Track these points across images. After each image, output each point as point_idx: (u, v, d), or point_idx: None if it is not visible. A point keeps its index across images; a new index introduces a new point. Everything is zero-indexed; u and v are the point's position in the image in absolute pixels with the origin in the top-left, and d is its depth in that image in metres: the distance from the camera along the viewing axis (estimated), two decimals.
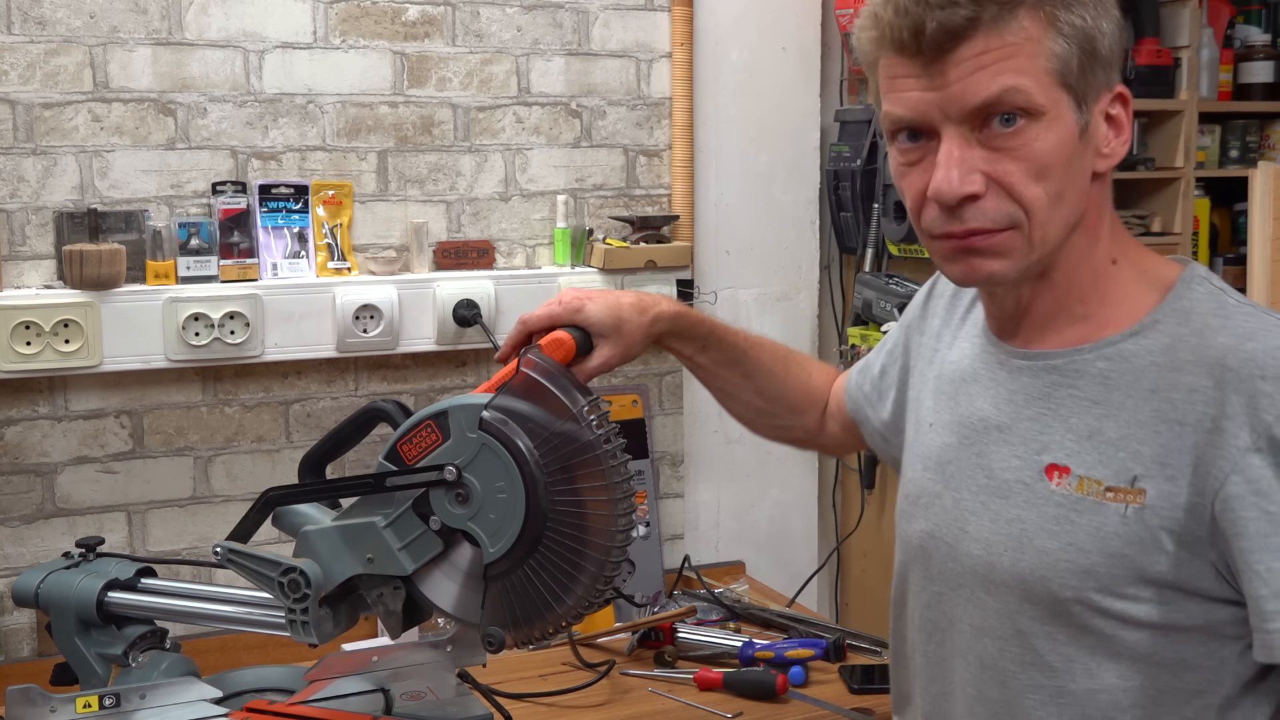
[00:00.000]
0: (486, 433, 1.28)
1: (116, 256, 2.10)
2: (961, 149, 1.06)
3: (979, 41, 1.03)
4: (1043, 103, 1.05)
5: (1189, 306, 1.10)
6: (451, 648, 1.61)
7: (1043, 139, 1.05)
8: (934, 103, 1.06)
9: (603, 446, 1.26)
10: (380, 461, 1.34)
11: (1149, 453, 1.06)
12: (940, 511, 1.22)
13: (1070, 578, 1.09)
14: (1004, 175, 1.06)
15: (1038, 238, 1.08)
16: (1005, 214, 1.07)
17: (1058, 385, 1.13)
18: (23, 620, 2.16)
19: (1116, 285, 1.13)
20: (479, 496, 1.29)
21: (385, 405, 1.42)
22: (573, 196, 2.48)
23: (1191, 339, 1.07)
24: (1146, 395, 1.08)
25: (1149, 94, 2.56)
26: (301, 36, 2.26)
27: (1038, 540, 1.11)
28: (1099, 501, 1.08)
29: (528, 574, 1.30)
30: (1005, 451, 1.16)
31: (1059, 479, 1.11)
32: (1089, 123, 1.08)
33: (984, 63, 1.04)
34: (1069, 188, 1.08)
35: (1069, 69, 1.05)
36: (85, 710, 1.46)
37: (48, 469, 2.18)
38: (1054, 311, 1.15)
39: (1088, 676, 1.11)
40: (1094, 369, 1.11)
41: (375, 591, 1.38)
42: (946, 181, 1.06)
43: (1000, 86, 1.04)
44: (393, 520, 1.34)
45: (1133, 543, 1.06)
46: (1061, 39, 1.04)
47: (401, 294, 2.29)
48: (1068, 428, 1.12)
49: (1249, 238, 2.73)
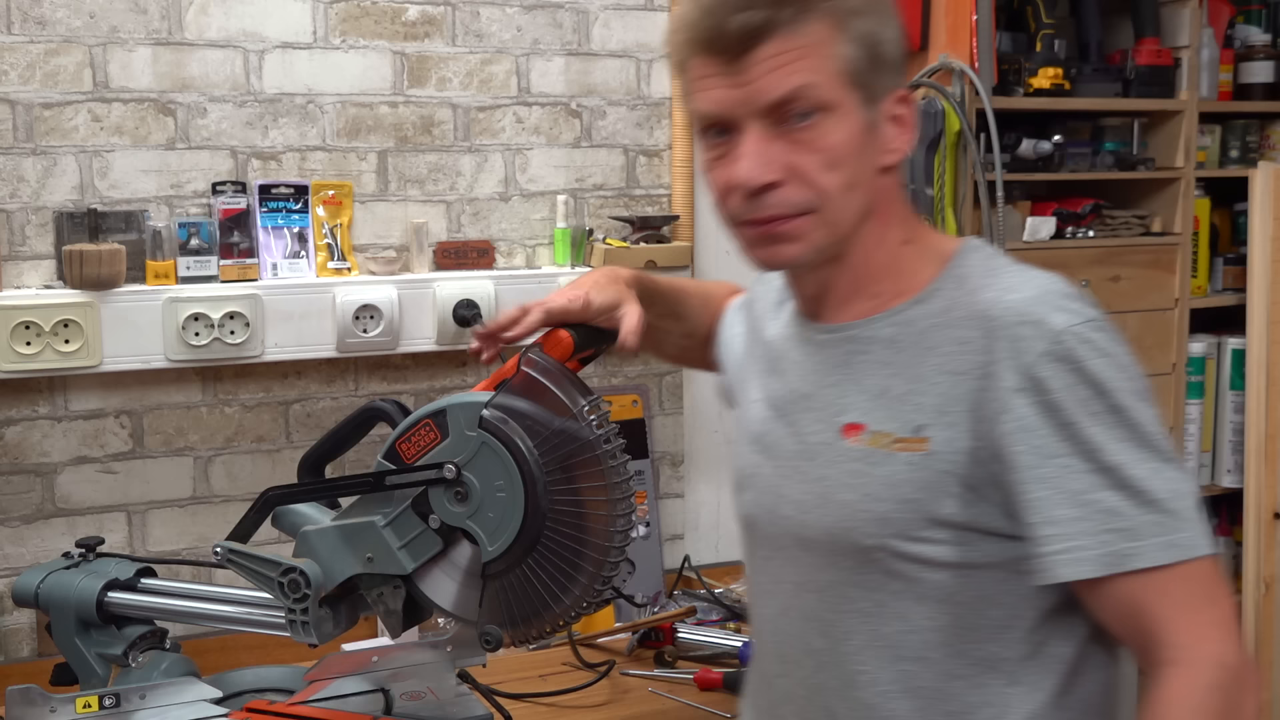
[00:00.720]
0: (486, 431, 1.28)
1: (116, 256, 2.10)
2: (762, 142, 1.16)
3: (776, 43, 1.13)
4: (833, 99, 1.15)
5: (964, 273, 1.22)
6: (451, 648, 1.61)
7: (834, 132, 1.16)
8: (737, 99, 1.16)
9: (603, 446, 1.26)
10: (379, 460, 1.34)
11: (931, 403, 1.16)
12: (761, 481, 1.32)
13: (870, 526, 1.18)
14: (800, 165, 1.16)
15: (832, 221, 1.18)
16: (803, 200, 1.17)
17: (854, 353, 1.24)
18: (23, 620, 2.16)
19: (908, 263, 1.24)
20: (478, 495, 1.29)
21: (384, 405, 1.42)
22: (573, 196, 2.48)
23: (964, 298, 1.19)
24: (927, 353, 1.18)
25: (1149, 94, 2.55)
26: (301, 36, 2.26)
27: (839, 495, 1.21)
28: (890, 452, 1.18)
29: (526, 573, 1.30)
30: (811, 417, 1.26)
31: (855, 436, 1.21)
32: (876, 120, 1.19)
33: (780, 62, 1.13)
34: (859, 177, 1.18)
35: (857, 69, 1.16)
36: (85, 710, 1.46)
37: (48, 469, 2.18)
38: (853, 290, 1.25)
39: (899, 619, 1.20)
40: (884, 334, 1.22)
41: (375, 591, 1.38)
42: (748, 171, 1.16)
43: (795, 84, 1.14)
44: (392, 519, 1.34)
45: (921, 488, 1.16)
46: (850, 42, 1.15)
47: (401, 294, 2.29)
48: (861, 389, 1.22)
49: (1249, 238, 2.74)
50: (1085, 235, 2.52)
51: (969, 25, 2.36)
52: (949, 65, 2.37)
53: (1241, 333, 2.75)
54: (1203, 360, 2.76)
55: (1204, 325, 2.79)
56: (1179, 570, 1.10)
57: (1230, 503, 2.86)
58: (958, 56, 2.37)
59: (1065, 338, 1.13)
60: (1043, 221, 2.46)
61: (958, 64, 2.36)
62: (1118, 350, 1.16)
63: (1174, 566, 1.10)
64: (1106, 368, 1.13)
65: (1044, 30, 2.50)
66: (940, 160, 2.35)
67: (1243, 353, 2.76)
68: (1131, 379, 1.15)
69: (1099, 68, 2.54)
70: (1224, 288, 2.82)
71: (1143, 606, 1.11)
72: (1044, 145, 2.46)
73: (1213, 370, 2.79)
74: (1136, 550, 1.09)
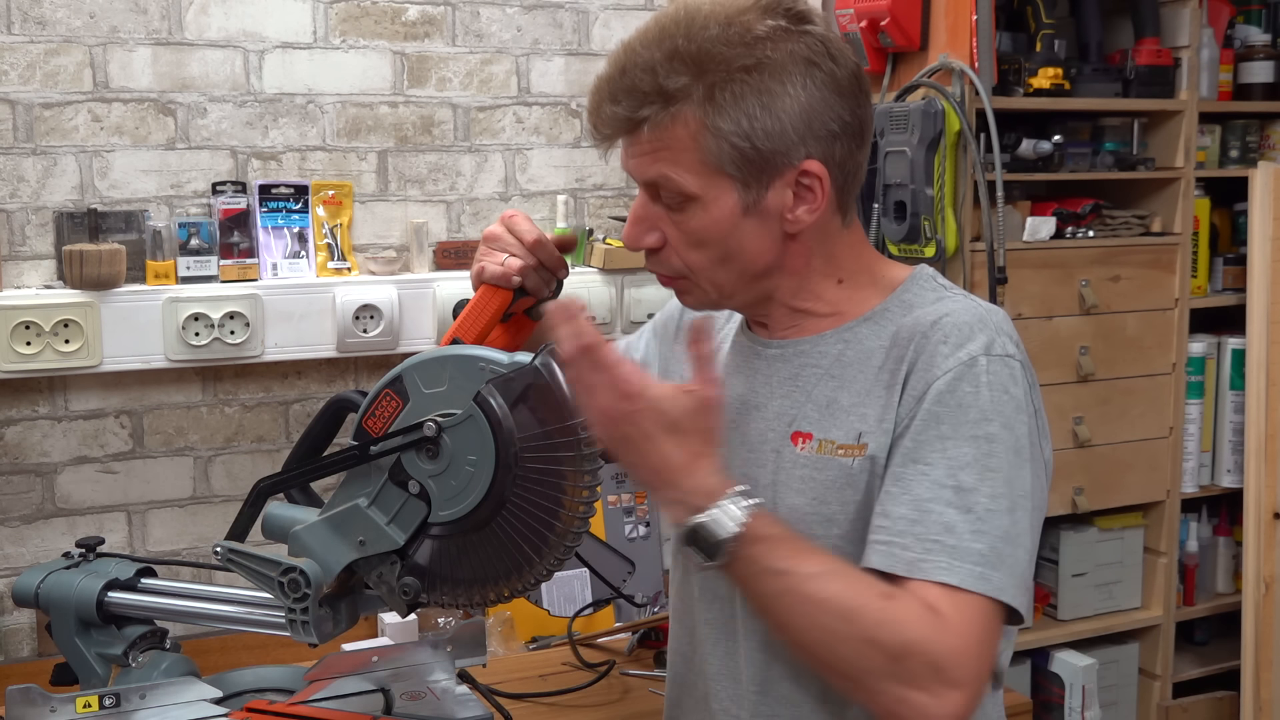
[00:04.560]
0: (480, 407, 1.28)
1: (116, 256, 2.10)
2: (645, 208, 1.26)
3: (643, 135, 1.21)
4: (694, 190, 1.21)
5: (911, 299, 1.28)
6: (451, 648, 1.61)
7: (698, 218, 1.23)
8: (627, 167, 1.26)
9: (585, 466, 1.27)
10: (350, 444, 1.34)
11: (872, 414, 1.23)
12: None
13: (817, 527, 1.23)
14: (672, 239, 1.25)
15: (708, 287, 1.27)
16: (675, 267, 1.27)
17: (804, 366, 1.30)
18: (23, 620, 2.16)
19: (849, 295, 1.31)
20: (448, 457, 1.30)
21: (347, 394, 1.43)
22: (573, 196, 2.48)
23: (908, 321, 1.25)
24: (875, 370, 1.24)
25: (1149, 94, 2.55)
26: (301, 36, 2.26)
27: (789, 499, 1.25)
28: (834, 458, 1.24)
29: (463, 545, 1.32)
30: (761, 426, 1.31)
31: (803, 444, 1.26)
32: (760, 199, 1.22)
33: (641, 152, 1.22)
34: (737, 251, 1.24)
35: (728, 160, 1.20)
36: (85, 710, 1.46)
37: (48, 469, 2.18)
38: (796, 318, 1.31)
39: None
40: (833, 350, 1.28)
41: (375, 572, 1.38)
42: (629, 235, 1.27)
43: (655, 173, 1.22)
44: (375, 497, 1.34)
45: (861, 490, 1.22)
46: (715, 138, 1.19)
47: (401, 294, 2.29)
48: (811, 400, 1.28)
49: (1249, 238, 2.74)
50: (1085, 235, 2.52)
51: (969, 25, 2.36)
52: (949, 65, 2.37)
53: (1241, 333, 2.75)
54: (1203, 360, 2.76)
55: (1204, 325, 2.80)
56: (970, 597, 1.11)
57: (1230, 503, 2.86)
58: (958, 56, 2.37)
59: (976, 363, 1.18)
60: (1043, 221, 2.46)
61: (958, 64, 2.36)
62: (1019, 395, 1.19)
63: (968, 593, 1.11)
64: (1001, 401, 1.17)
65: (1044, 30, 2.50)
66: (940, 160, 2.35)
67: (1243, 353, 2.76)
68: (1022, 422, 1.18)
69: (1099, 68, 2.54)
70: (1224, 288, 2.82)
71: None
72: (1044, 145, 2.46)
73: (1213, 370, 2.79)
74: (948, 567, 1.12)
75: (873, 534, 1.17)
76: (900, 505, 1.16)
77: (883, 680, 1.10)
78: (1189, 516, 2.84)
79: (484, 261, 1.38)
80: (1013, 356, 1.20)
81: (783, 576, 1.12)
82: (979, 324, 1.21)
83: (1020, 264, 2.42)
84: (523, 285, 1.38)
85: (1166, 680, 2.75)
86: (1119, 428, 2.59)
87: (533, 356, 1.29)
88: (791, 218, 1.24)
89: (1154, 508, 2.71)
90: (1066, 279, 2.49)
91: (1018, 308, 2.43)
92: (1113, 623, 2.69)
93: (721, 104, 1.19)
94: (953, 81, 2.37)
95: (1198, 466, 2.78)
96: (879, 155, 2.46)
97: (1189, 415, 2.73)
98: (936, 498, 1.14)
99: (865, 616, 1.10)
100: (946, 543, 1.13)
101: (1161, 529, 2.70)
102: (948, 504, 1.14)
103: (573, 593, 2.34)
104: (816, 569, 1.13)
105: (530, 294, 1.40)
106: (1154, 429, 2.64)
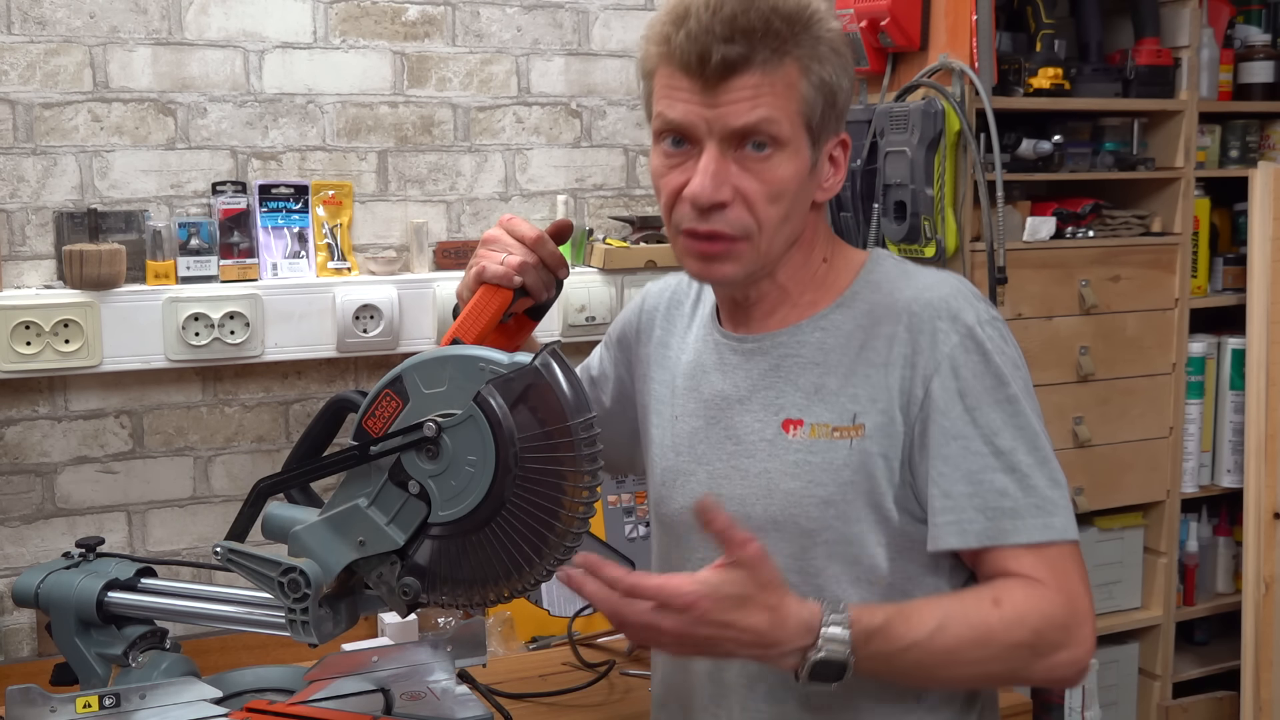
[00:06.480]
0: (480, 407, 1.28)
1: (116, 256, 2.10)
2: (718, 162, 1.24)
3: (751, 76, 1.22)
4: (788, 136, 1.24)
5: (878, 278, 1.34)
6: (451, 648, 1.61)
7: (783, 167, 1.25)
8: (704, 118, 1.24)
9: (585, 467, 1.27)
10: (350, 444, 1.34)
11: (864, 394, 1.28)
12: (696, 485, 1.39)
13: (814, 510, 1.28)
14: (749, 192, 1.25)
15: (764, 249, 1.29)
16: (744, 225, 1.26)
17: (785, 357, 1.34)
18: (23, 620, 2.16)
19: (826, 278, 1.36)
20: (448, 458, 1.30)
21: (347, 394, 1.43)
22: (573, 196, 2.48)
23: (883, 300, 1.31)
24: (856, 349, 1.29)
25: (1149, 94, 2.55)
26: (301, 36, 2.26)
27: (783, 485, 1.30)
28: (829, 441, 1.28)
29: (463, 545, 1.32)
30: (748, 419, 1.34)
31: (794, 431, 1.30)
32: (818, 160, 1.30)
33: (750, 94, 1.22)
34: (795, 212, 1.29)
35: (813, 113, 1.26)
36: (85, 710, 1.46)
37: (48, 469, 2.18)
38: (779, 304, 1.36)
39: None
40: (812, 338, 1.33)
41: (375, 572, 1.38)
42: (702, 187, 1.24)
43: (759, 116, 1.23)
44: (375, 497, 1.34)
45: (859, 470, 1.27)
46: (812, 87, 1.25)
47: (401, 294, 2.29)
48: (796, 388, 1.32)
49: (1249, 238, 2.74)
50: (1085, 235, 2.52)
51: (969, 25, 2.36)
52: (949, 65, 2.37)
53: (1241, 333, 2.75)
54: (1203, 360, 2.76)
55: (1204, 325, 2.80)
56: (1049, 549, 1.23)
57: (1230, 503, 2.86)
58: (958, 56, 2.37)
59: (977, 330, 1.26)
60: (1043, 221, 2.46)
61: (958, 64, 2.36)
62: (1013, 348, 1.30)
63: (1045, 546, 1.23)
64: (1006, 362, 1.27)
65: (1044, 30, 2.50)
66: (940, 160, 2.35)
67: (1243, 353, 2.76)
68: (1023, 375, 1.29)
69: (1099, 68, 2.54)
70: (1224, 288, 2.82)
71: (1015, 575, 1.24)
72: (1044, 145, 2.46)
73: (1213, 370, 2.79)
74: (1016, 528, 1.23)
75: (938, 515, 1.25)
76: (956, 483, 1.24)
77: (1033, 665, 1.21)
78: (1189, 516, 2.84)
79: (484, 261, 1.38)
80: (997, 317, 1.30)
81: (911, 650, 1.19)
82: (958, 295, 1.29)
83: (1020, 264, 2.42)
84: (523, 285, 1.38)
85: (1166, 680, 2.75)
86: (1119, 428, 2.59)
87: (533, 357, 1.29)
88: (826, 185, 1.32)
89: (1154, 508, 2.71)
90: (1066, 279, 2.48)
91: (1018, 308, 2.43)
92: (1113, 623, 2.69)
93: (823, 57, 1.25)
94: (953, 81, 2.37)
95: (1198, 466, 2.78)
96: (879, 155, 2.46)
97: (1189, 415, 2.73)
98: (984, 466, 1.24)
99: (994, 633, 1.19)
100: (1005, 506, 1.23)
101: (1161, 529, 2.70)
102: (995, 470, 1.23)
103: (573, 593, 2.34)
104: (933, 623, 1.19)
105: (530, 294, 1.40)
106: (1154, 429, 2.64)
